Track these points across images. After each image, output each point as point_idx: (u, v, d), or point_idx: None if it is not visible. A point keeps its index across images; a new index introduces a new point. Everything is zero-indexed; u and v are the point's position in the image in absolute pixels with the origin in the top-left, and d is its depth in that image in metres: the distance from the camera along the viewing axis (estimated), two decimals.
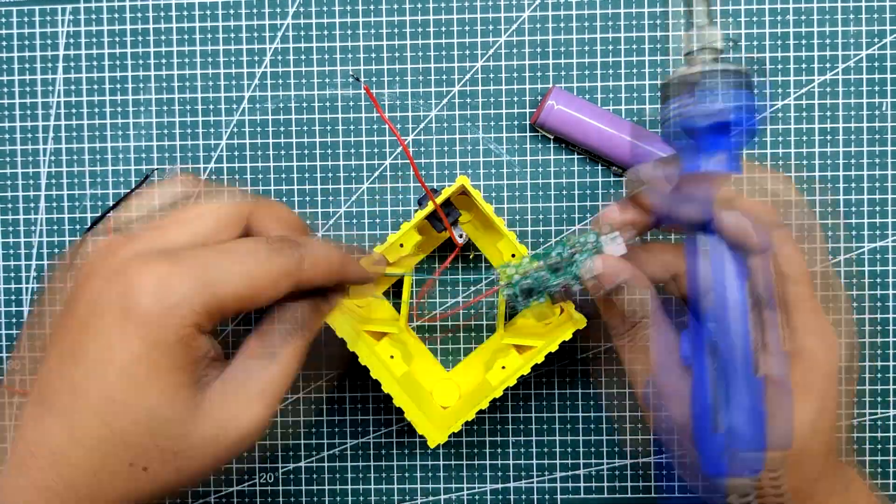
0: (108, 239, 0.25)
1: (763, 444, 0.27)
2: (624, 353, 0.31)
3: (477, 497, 0.42)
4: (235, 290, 0.25)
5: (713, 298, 0.28)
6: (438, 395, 0.40)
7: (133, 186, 0.42)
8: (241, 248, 0.26)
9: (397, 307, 0.42)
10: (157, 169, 0.43)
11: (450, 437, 0.42)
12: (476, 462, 0.42)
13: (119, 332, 0.24)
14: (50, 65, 0.43)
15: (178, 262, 0.24)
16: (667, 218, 0.31)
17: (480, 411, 0.36)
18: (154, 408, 0.24)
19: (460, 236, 0.38)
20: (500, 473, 0.42)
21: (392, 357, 0.39)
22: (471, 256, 0.42)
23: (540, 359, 0.36)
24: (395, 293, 0.42)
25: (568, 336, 0.36)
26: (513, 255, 0.40)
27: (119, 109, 0.43)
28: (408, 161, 0.42)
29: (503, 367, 0.39)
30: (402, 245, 0.38)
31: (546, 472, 0.42)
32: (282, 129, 0.42)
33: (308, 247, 0.28)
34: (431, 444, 0.36)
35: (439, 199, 0.36)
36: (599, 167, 0.42)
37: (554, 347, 0.36)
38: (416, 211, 0.37)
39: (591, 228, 0.32)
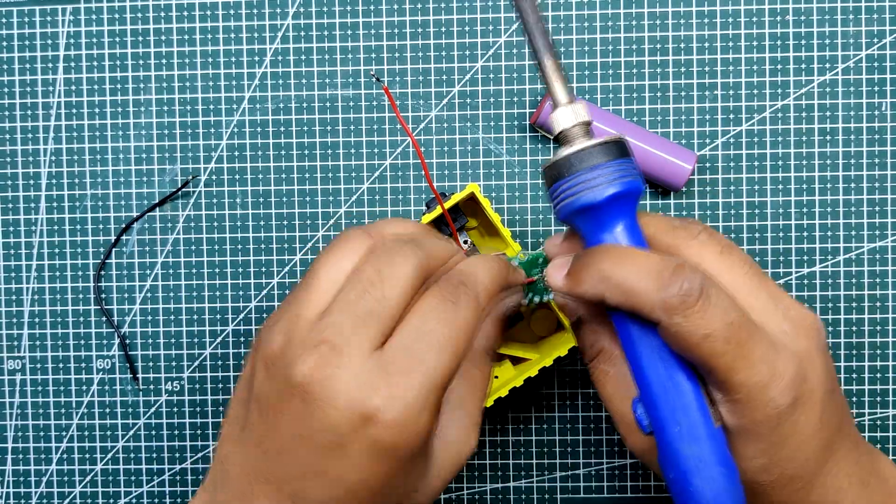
0: (317, 354, 0.26)
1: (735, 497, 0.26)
2: (591, 377, 0.32)
3: (477, 497, 0.42)
4: (450, 369, 0.26)
5: (642, 387, 0.27)
6: None
7: (174, 189, 0.42)
8: (431, 323, 0.26)
9: None
10: (165, 168, 0.43)
11: None
12: (476, 462, 0.42)
13: (374, 460, 0.25)
14: (50, 65, 0.43)
15: (397, 377, 0.25)
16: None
17: None
18: (409, 492, 0.27)
19: (465, 243, 0.38)
20: (500, 473, 0.42)
21: None
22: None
23: (533, 372, 0.36)
24: None
25: (563, 352, 0.36)
26: None
27: (119, 109, 0.43)
28: (409, 161, 0.42)
29: (496, 377, 0.39)
30: None
31: (546, 472, 0.42)
32: (282, 129, 0.42)
33: (480, 283, 0.28)
34: None
35: (448, 204, 0.36)
36: None
37: (549, 363, 0.36)
38: (423, 213, 0.37)
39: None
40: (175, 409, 0.43)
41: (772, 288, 0.27)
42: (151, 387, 0.43)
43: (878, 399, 0.41)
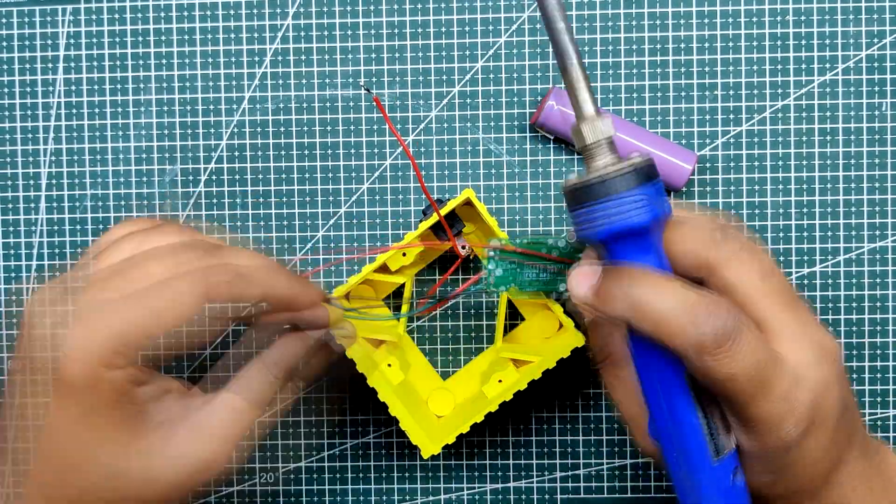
0: (44, 292, 0.27)
1: None
2: (601, 378, 0.32)
3: (477, 497, 0.42)
4: (143, 325, 0.26)
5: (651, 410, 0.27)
6: (433, 403, 0.40)
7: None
8: (137, 278, 0.26)
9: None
10: (165, 168, 0.43)
11: None
12: (476, 462, 0.42)
13: (56, 395, 0.25)
14: (50, 65, 0.43)
15: (90, 315, 0.25)
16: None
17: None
18: (107, 463, 0.26)
19: (463, 248, 0.38)
20: (500, 473, 0.42)
21: (389, 365, 0.39)
22: (470, 259, 0.42)
23: (537, 375, 0.36)
24: (395, 293, 0.42)
25: (566, 354, 0.36)
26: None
27: (119, 109, 0.43)
28: (409, 162, 0.42)
29: (500, 381, 0.39)
30: (404, 254, 0.38)
31: (546, 472, 0.42)
32: (282, 129, 0.42)
33: (228, 254, 0.28)
34: (425, 455, 0.36)
35: (444, 211, 0.36)
36: None
37: (551, 364, 0.36)
38: (421, 220, 0.37)
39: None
40: None
41: (803, 314, 0.27)
42: None
43: (878, 399, 0.41)
